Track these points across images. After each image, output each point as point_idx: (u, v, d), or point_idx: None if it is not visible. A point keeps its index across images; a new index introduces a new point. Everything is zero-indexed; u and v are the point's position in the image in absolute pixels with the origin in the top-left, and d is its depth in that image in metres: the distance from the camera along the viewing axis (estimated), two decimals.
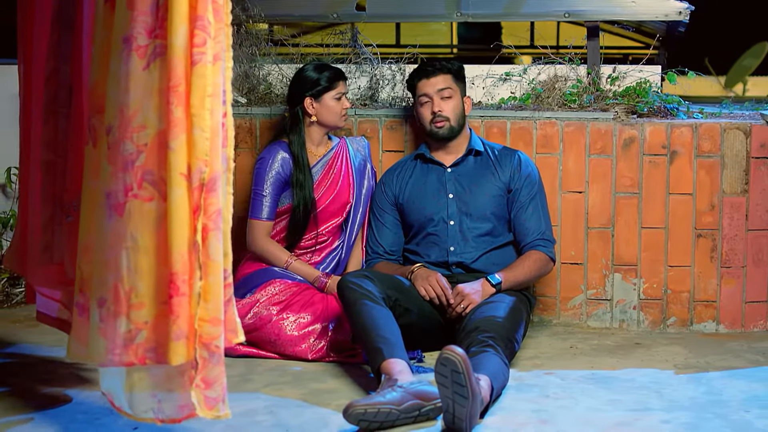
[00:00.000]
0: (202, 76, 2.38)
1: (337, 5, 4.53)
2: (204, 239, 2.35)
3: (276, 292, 3.77)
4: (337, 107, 3.94)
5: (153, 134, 2.38)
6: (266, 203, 3.92)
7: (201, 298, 2.34)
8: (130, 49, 2.41)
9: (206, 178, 2.37)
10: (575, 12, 4.32)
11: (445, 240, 3.86)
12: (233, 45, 4.35)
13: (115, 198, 2.44)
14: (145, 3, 2.42)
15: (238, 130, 4.38)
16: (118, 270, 2.38)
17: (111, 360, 2.37)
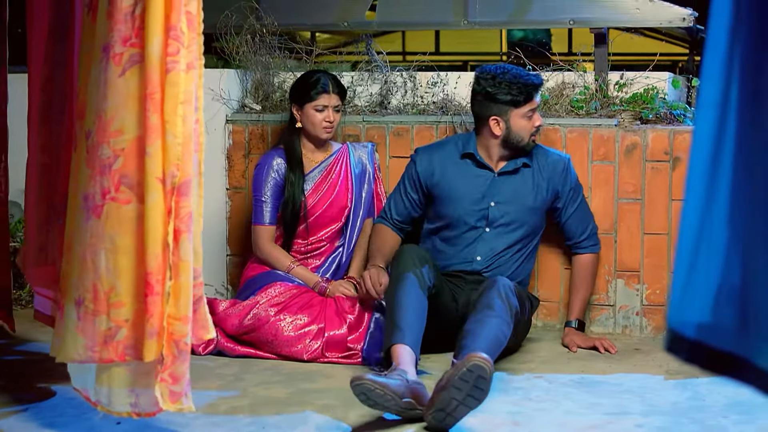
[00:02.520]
0: (175, 84, 2.48)
1: (348, 14, 4.61)
2: (176, 241, 2.46)
3: (276, 294, 3.86)
4: (317, 118, 4.00)
5: (130, 139, 2.49)
6: (267, 209, 4.02)
7: (171, 297, 2.44)
8: (108, 57, 2.52)
9: (178, 182, 2.47)
10: (580, 19, 4.34)
11: (474, 248, 3.90)
12: (248, 53, 4.51)
13: (92, 200, 2.55)
14: (121, 12, 2.52)
15: (251, 137, 4.49)
16: (97, 270, 2.49)
17: (91, 357, 2.48)
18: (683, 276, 1.39)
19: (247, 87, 4.64)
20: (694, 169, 1.39)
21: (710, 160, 1.37)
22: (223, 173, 4.53)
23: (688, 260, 1.39)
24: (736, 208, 1.36)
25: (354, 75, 4.57)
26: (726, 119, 1.36)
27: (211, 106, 4.49)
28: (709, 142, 1.37)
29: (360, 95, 4.56)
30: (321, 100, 4.00)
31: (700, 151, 1.38)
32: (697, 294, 1.39)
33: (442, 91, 4.48)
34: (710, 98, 1.37)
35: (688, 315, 1.39)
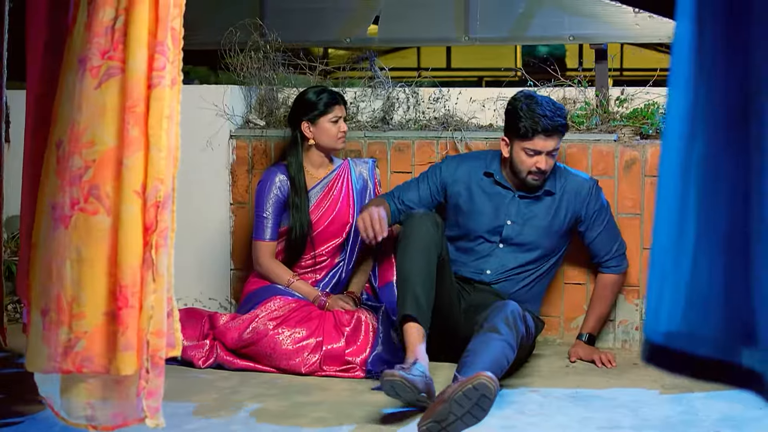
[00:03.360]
0: (160, 98, 2.51)
1: (351, 31, 4.65)
2: (155, 255, 2.48)
3: (275, 308, 3.89)
4: (333, 130, 4.05)
5: (102, 150, 2.51)
6: (268, 225, 4.06)
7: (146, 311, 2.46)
8: (85, 69, 2.55)
9: (161, 196, 2.50)
10: (580, 35, 4.37)
11: (485, 261, 3.93)
12: (253, 69, 4.56)
13: (61, 210, 2.56)
14: (100, 25, 2.55)
15: (254, 152, 4.53)
16: (61, 280, 2.51)
17: (52, 367, 2.50)
18: (656, 286, 1.41)
19: (252, 103, 4.69)
20: (662, 183, 1.41)
21: (679, 173, 1.39)
22: (227, 188, 4.57)
23: (659, 271, 1.41)
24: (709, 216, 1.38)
25: (357, 91, 4.61)
26: (695, 131, 1.38)
27: (215, 122, 4.54)
28: (679, 154, 1.39)
29: (363, 111, 4.59)
30: (335, 111, 4.05)
31: (670, 164, 1.40)
32: (672, 303, 1.41)
33: (444, 107, 4.51)
34: (678, 111, 1.39)
35: (665, 324, 1.41)
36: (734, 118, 1.33)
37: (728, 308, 1.36)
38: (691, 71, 1.38)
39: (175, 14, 2.48)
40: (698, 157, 1.40)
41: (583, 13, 4.36)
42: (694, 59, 1.38)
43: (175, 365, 3.86)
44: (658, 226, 1.42)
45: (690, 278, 1.39)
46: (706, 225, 1.39)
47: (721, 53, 1.36)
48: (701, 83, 1.37)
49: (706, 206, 1.37)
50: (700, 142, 1.36)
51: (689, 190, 1.38)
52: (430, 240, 3.57)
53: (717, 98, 1.36)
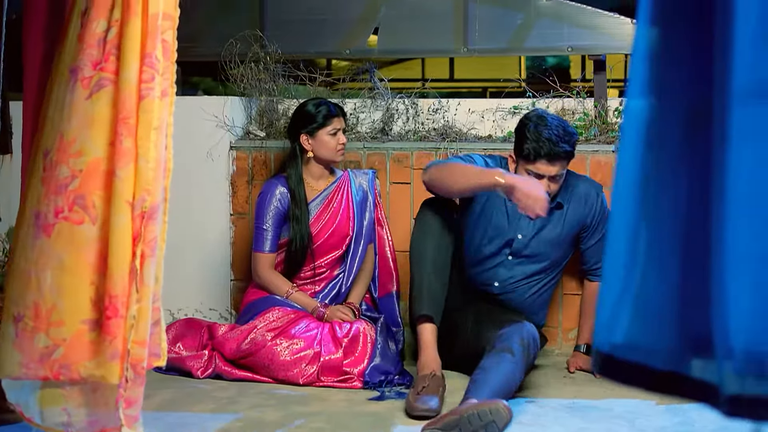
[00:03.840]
0: (149, 110, 2.52)
1: (350, 42, 4.67)
2: (141, 265, 2.49)
3: (274, 319, 3.90)
4: (332, 143, 4.06)
5: (89, 161, 2.52)
6: (268, 237, 4.07)
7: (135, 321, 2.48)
8: (76, 80, 2.57)
9: (147, 206, 2.51)
10: (578, 46, 4.39)
11: (494, 273, 3.92)
12: (253, 81, 4.58)
13: (44, 219, 2.57)
14: (93, 37, 2.57)
15: (254, 163, 4.55)
16: (40, 288, 2.52)
17: (25, 374, 2.51)
18: (607, 297, 1.42)
19: (252, 114, 4.71)
20: (617, 195, 1.42)
21: (633, 185, 1.39)
22: (227, 199, 4.59)
23: (611, 282, 1.42)
24: (665, 229, 1.39)
25: (357, 102, 4.63)
26: (650, 143, 1.39)
27: (216, 133, 4.56)
28: (634, 165, 1.40)
29: (362, 122, 4.61)
30: (334, 123, 4.06)
31: (625, 175, 1.41)
32: (624, 314, 1.41)
33: (443, 118, 4.52)
34: (634, 123, 1.40)
35: (616, 335, 1.42)
36: (687, 129, 1.34)
37: (681, 320, 1.37)
38: (648, 82, 1.39)
39: (167, 27, 2.49)
40: (652, 169, 1.40)
41: (582, 25, 4.38)
42: (650, 69, 1.39)
43: (174, 375, 3.89)
44: (611, 238, 1.42)
45: (641, 290, 1.40)
46: (658, 237, 1.40)
47: (676, 63, 1.37)
48: (657, 95, 1.38)
49: (658, 218, 1.37)
50: (655, 154, 1.37)
51: (643, 201, 1.39)
52: (447, 227, 3.70)
53: (671, 110, 1.37)
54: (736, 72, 1.29)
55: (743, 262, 1.28)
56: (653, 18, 1.38)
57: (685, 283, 1.37)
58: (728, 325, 1.30)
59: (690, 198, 1.35)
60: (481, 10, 4.53)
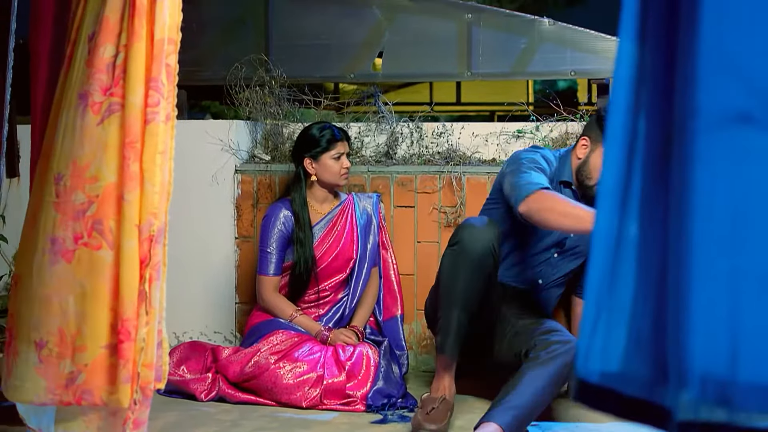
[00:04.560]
0: (155, 134, 2.55)
1: (354, 66, 4.71)
2: (149, 288, 2.52)
3: (277, 342, 3.91)
4: (335, 167, 4.08)
5: (104, 186, 2.55)
6: (272, 260, 4.09)
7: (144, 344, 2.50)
8: (86, 105, 2.60)
9: (155, 230, 2.54)
10: (581, 70, 4.41)
11: (539, 271, 3.87)
12: (258, 104, 4.61)
13: (62, 245, 2.60)
14: (101, 62, 2.60)
15: (259, 186, 4.57)
16: (65, 314, 2.55)
17: (51, 399, 2.53)
18: (591, 323, 1.42)
19: (257, 138, 4.73)
20: (600, 216, 1.42)
21: (616, 206, 1.40)
22: (232, 222, 4.61)
23: (594, 308, 1.42)
24: (643, 255, 1.39)
25: (361, 126, 4.66)
26: (632, 167, 1.40)
27: (221, 157, 4.59)
28: (616, 188, 1.41)
29: (367, 146, 4.63)
30: (337, 147, 4.08)
31: (607, 196, 1.41)
32: (605, 341, 1.42)
33: (447, 142, 4.54)
34: (616, 138, 1.41)
35: (596, 363, 1.42)
36: (667, 152, 1.35)
37: (656, 347, 1.37)
38: (630, 101, 1.40)
39: (170, 51, 2.52)
40: (635, 191, 1.41)
41: (585, 49, 4.40)
42: (633, 89, 1.40)
43: (178, 398, 3.89)
44: (592, 263, 1.43)
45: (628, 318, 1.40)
46: (645, 263, 1.40)
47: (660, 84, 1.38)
48: (639, 114, 1.39)
49: (642, 242, 1.38)
50: (638, 175, 1.38)
51: (625, 226, 1.39)
52: (487, 257, 3.45)
53: (652, 131, 1.38)
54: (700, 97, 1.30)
55: (700, 285, 1.29)
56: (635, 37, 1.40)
57: (660, 310, 1.37)
58: (684, 350, 1.31)
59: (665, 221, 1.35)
60: (485, 35, 4.56)
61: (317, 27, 4.80)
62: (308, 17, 4.88)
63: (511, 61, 4.52)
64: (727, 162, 1.28)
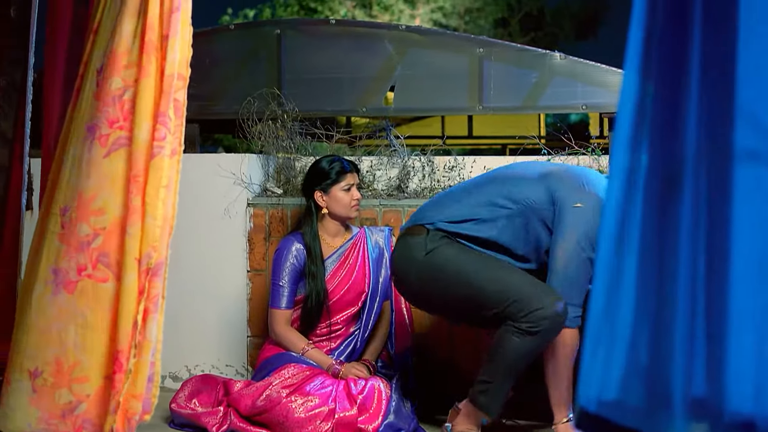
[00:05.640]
0: (159, 168, 2.57)
1: (366, 100, 4.73)
2: (144, 320, 2.52)
3: (289, 375, 3.91)
4: (346, 199, 4.10)
5: (111, 219, 2.57)
6: (284, 293, 4.09)
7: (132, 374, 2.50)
8: (94, 138, 2.62)
9: (153, 263, 2.55)
10: (592, 104, 4.42)
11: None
12: (270, 138, 4.63)
13: (65, 275, 2.61)
14: (108, 95, 2.63)
15: (271, 220, 4.58)
16: (63, 344, 2.55)
17: (45, 429, 2.53)
18: (590, 353, 1.42)
19: (269, 171, 4.75)
20: (601, 247, 1.43)
21: (616, 238, 1.41)
22: (244, 255, 4.62)
23: (595, 338, 1.43)
24: (642, 287, 1.40)
25: (373, 159, 4.67)
26: (632, 201, 1.40)
27: (233, 190, 4.61)
28: (616, 222, 1.41)
29: (379, 179, 4.64)
30: (347, 179, 4.10)
31: (608, 229, 1.42)
32: (604, 371, 1.42)
33: (458, 175, 4.55)
34: (618, 173, 1.42)
35: (595, 390, 1.42)
36: (668, 186, 1.35)
37: (654, 377, 1.37)
38: (632, 136, 1.41)
39: (179, 86, 2.55)
40: (635, 225, 1.42)
41: (595, 83, 4.42)
42: (636, 123, 1.41)
43: (190, 431, 3.89)
44: (594, 294, 1.43)
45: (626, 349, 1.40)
46: (643, 295, 1.41)
47: (664, 120, 1.39)
48: (640, 149, 1.40)
49: (641, 276, 1.38)
50: (638, 209, 1.39)
51: (625, 257, 1.40)
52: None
53: (653, 166, 1.38)
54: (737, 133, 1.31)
55: (732, 322, 1.29)
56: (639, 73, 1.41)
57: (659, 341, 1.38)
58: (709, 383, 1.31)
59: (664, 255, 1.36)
60: (497, 69, 4.58)
61: (329, 61, 4.83)
62: (320, 51, 4.92)
63: (522, 95, 4.54)
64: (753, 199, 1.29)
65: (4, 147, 3.65)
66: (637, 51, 1.40)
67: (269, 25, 5.15)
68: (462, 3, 22.02)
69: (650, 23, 1.39)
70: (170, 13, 2.51)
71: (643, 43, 1.40)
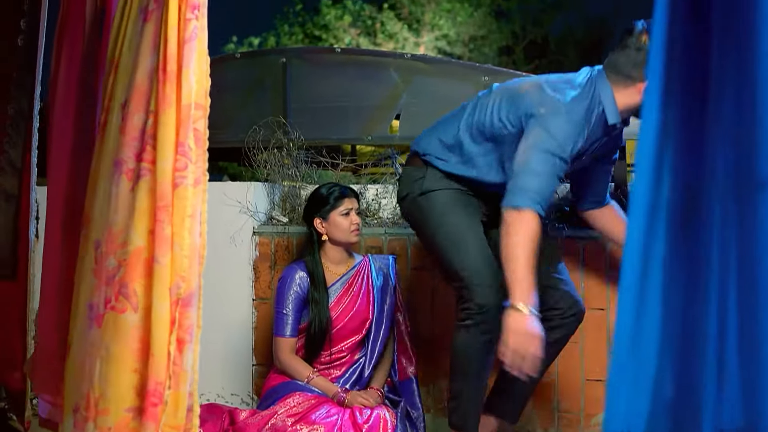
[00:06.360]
0: (183, 198, 2.58)
1: (372, 129, 4.74)
2: (179, 351, 2.52)
3: (294, 404, 3.89)
4: (345, 224, 4.10)
5: (132, 250, 2.58)
6: (288, 321, 4.08)
7: (170, 406, 2.50)
8: (120, 172, 2.63)
9: (183, 293, 2.55)
10: None
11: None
12: (276, 167, 4.64)
13: (96, 309, 2.63)
14: (134, 129, 2.64)
15: (277, 248, 4.58)
16: (91, 378, 2.56)
17: None
18: (615, 388, 1.42)
19: (275, 200, 4.76)
20: (624, 281, 1.42)
21: (640, 272, 1.40)
22: (250, 284, 4.62)
23: (621, 371, 1.42)
24: (668, 321, 1.39)
25: (379, 187, 4.67)
26: (655, 227, 1.40)
27: (239, 219, 4.61)
28: (638, 251, 1.41)
29: (384, 207, 4.64)
30: (345, 204, 4.10)
31: (630, 260, 1.42)
32: (629, 405, 1.41)
33: None
34: (640, 204, 1.41)
35: (622, 424, 1.42)
36: (692, 214, 1.35)
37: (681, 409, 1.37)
38: (654, 165, 1.41)
39: (198, 116, 2.55)
40: (658, 254, 1.41)
41: None
42: (657, 152, 1.41)
43: None
44: (618, 326, 1.43)
45: (652, 382, 1.40)
46: (669, 326, 1.40)
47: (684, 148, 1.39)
48: (662, 179, 1.40)
49: (665, 306, 1.38)
50: (661, 238, 1.38)
51: (648, 291, 1.40)
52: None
53: (677, 193, 1.38)
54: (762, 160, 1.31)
55: None
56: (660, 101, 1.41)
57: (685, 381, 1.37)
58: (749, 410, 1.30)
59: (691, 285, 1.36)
60: None
61: (335, 89, 4.85)
62: (326, 80, 4.94)
63: None
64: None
65: (13, 176, 3.66)
66: (657, 79, 1.40)
67: (275, 53, 5.18)
68: (466, 31, 22.11)
69: (670, 50, 1.39)
70: (185, 42, 2.53)
71: (664, 71, 1.41)
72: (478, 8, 22.30)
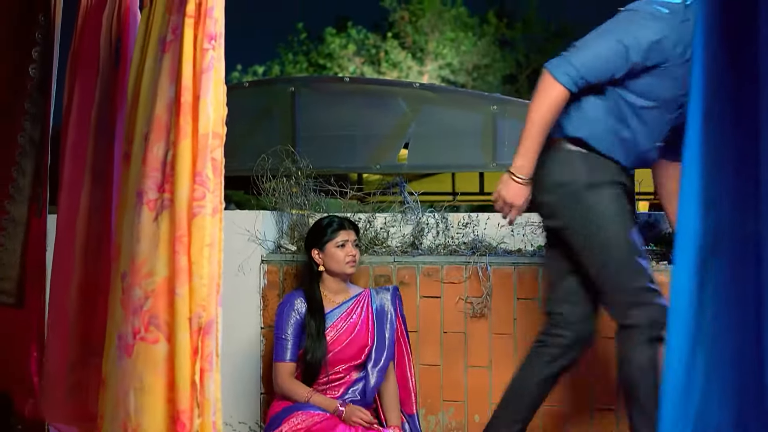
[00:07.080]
0: (202, 227, 2.59)
1: (380, 157, 4.75)
2: (201, 379, 2.53)
3: (298, 422, 3.91)
4: (340, 255, 4.11)
5: (158, 281, 2.60)
6: (287, 346, 4.09)
7: None
8: (142, 203, 2.65)
9: (204, 322, 2.56)
10: None
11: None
12: (284, 195, 4.65)
13: (125, 340, 2.65)
14: (156, 160, 2.66)
15: (285, 276, 4.58)
16: (127, 409, 2.58)
17: None
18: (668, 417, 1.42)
19: (283, 228, 4.76)
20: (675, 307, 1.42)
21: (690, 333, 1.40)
22: (258, 312, 4.62)
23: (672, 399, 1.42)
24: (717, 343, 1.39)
25: (387, 216, 4.68)
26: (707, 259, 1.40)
27: (247, 247, 4.61)
28: (691, 282, 1.41)
29: (393, 236, 4.65)
30: (340, 236, 4.12)
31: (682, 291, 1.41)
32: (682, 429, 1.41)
33: (473, 232, 4.55)
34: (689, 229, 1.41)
35: None
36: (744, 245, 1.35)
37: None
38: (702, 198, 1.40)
39: (215, 145, 2.57)
40: (711, 287, 1.41)
41: None
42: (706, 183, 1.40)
43: None
44: (668, 361, 1.42)
45: (699, 406, 1.39)
46: (717, 355, 1.40)
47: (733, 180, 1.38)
48: (713, 213, 1.39)
49: (716, 341, 1.38)
50: (714, 272, 1.38)
51: (703, 316, 1.39)
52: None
53: (728, 228, 1.38)
54: None
55: None
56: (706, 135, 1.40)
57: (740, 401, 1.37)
58: None
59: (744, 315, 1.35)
60: (510, 126, 4.60)
61: (343, 118, 4.87)
62: (334, 109, 4.96)
63: None
64: None
65: (22, 203, 3.67)
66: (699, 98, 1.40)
67: (283, 82, 5.20)
68: (470, 60, 22.19)
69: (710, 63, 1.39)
70: (203, 72, 2.54)
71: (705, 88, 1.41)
72: (481, 37, 22.41)
